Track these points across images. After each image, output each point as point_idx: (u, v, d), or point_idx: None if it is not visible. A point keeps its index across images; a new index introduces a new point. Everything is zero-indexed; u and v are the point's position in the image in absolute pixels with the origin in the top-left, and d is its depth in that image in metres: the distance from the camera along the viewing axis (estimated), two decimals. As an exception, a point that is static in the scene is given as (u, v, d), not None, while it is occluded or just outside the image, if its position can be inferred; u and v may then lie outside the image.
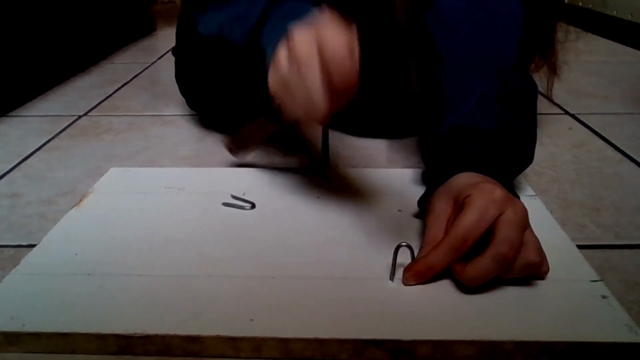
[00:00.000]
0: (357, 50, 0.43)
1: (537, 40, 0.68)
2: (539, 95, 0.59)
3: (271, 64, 0.47)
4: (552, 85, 0.75)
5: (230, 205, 0.58)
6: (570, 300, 0.43)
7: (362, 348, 0.39)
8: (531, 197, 0.59)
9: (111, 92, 1.13)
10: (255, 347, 0.40)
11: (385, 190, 0.61)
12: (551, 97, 0.81)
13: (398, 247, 0.45)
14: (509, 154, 0.53)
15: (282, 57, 0.45)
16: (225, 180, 0.64)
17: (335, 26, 0.43)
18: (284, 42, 0.45)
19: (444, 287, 0.44)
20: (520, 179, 0.61)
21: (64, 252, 0.50)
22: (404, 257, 0.45)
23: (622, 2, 1.51)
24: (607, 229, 0.58)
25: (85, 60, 1.33)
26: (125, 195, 0.61)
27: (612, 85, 1.12)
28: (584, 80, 1.14)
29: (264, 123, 0.62)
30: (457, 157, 0.52)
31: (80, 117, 0.97)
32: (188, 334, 0.40)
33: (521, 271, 0.43)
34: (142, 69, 1.32)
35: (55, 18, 1.17)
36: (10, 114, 0.99)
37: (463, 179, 0.48)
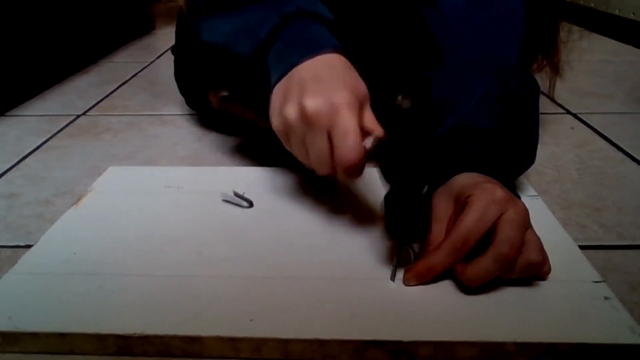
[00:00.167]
0: (368, 144, 0.45)
1: (540, 40, 0.68)
2: (540, 94, 0.59)
3: (277, 105, 0.48)
4: (554, 85, 0.75)
5: (229, 201, 0.58)
6: (572, 302, 0.43)
7: (362, 349, 0.39)
8: (533, 197, 0.59)
9: (110, 92, 1.13)
10: (255, 348, 0.40)
11: (386, 190, 0.61)
12: (553, 97, 0.81)
13: (399, 248, 0.45)
14: (510, 154, 0.53)
15: (291, 109, 0.46)
16: (225, 180, 0.63)
17: (351, 99, 0.44)
18: (295, 95, 0.46)
19: (445, 287, 0.44)
20: (522, 179, 0.61)
21: (63, 251, 0.50)
22: (405, 258, 0.45)
23: (625, 1, 1.51)
24: (609, 229, 0.58)
25: (84, 59, 1.33)
26: (124, 194, 0.61)
27: (615, 85, 1.12)
28: (586, 80, 1.14)
29: (254, 115, 0.62)
30: (458, 157, 0.52)
31: (78, 116, 0.98)
32: (187, 334, 0.40)
33: (523, 271, 0.43)
34: (141, 68, 1.32)
35: (53, 17, 1.17)
36: (8, 113, 0.99)
37: (464, 179, 0.48)
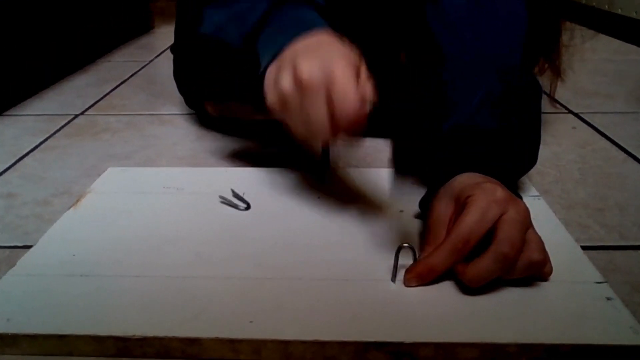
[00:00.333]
0: (368, 94, 0.43)
1: (541, 43, 0.68)
2: (542, 95, 0.59)
3: (270, 76, 0.46)
4: (555, 88, 0.75)
5: (225, 201, 0.58)
6: (574, 302, 0.43)
7: (363, 350, 0.39)
8: (535, 198, 0.59)
9: (108, 91, 1.13)
10: (255, 350, 0.40)
11: (386, 190, 0.61)
12: (553, 100, 0.81)
13: (400, 248, 0.45)
14: (511, 154, 0.53)
15: (285, 78, 0.44)
16: (224, 180, 0.63)
17: (346, 62, 0.42)
18: (289, 63, 0.44)
19: (446, 288, 0.44)
20: (524, 179, 0.61)
21: (61, 252, 0.50)
22: (406, 259, 0.45)
23: (627, 0, 1.51)
24: (611, 230, 0.58)
25: (82, 58, 1.33)
26: (123, 195, 0.61)
27: (617, 84, 1.12)
28: (588, 79, 1.14)
29: (251, 110, 0.62)
30: (458, 157, 0.52)
31: (76, 116, 0.98)
32: (187, 335, 0.40)
33: (524, 271, 0.43)
34: (140, 67, 1.32)
35: (51, 16, 1.17)
36: (6, 113, 0.99)
37: (464, 179, 0.48)
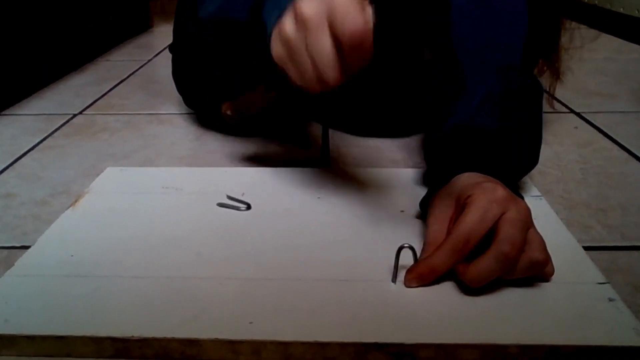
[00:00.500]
0: (369, 13, 0.41)
1: (541, 44, 0.68)
2: (544, 94, 0.59)
3: (275, 31, 0.45)
4: (554, 90, 0.75)
5: (225, 205, 0.58)
6: (576, 303, 0.43)
7: (363, 352, 0.39)
8: (536, 198, 0.59)
9: (107, 90, 1.13)
10: (255, 351, 0.40)
11: (387, 190, 0.61)
12: (552, 102, 0.82)
13: (400, 249, 0.45)
14: (512, 154, 0.53)
15: (288, 23, 0.43)
16: (224, 180, 0.64)
17: None
18: (290, 9, 0.43)
19: (447, 289, 0.44)
20: (525, 178, 0.61)
21: (60, 253, 0.50)
22: (407, 259, 0.45)
23: (629, -1, 1.52)
24: (613, 230, 0.58)
25: (80, 57, 1.33)
26: (122, 195, 0.61)
27: (619, 83, 1.12)
28: (589, 78, 1.14)
29: (262, 92, 0.62)
30: (459, 157, 0.52)
31: (75, 115, 0.98)
32: (186, 337, 0.40)
33: (525, 270, 0.43)
34: (138, 66, 1.32)
35: (49, 15, 1.17)
36: (4, 112, 0.99)
37: (465, 179, 0.48)
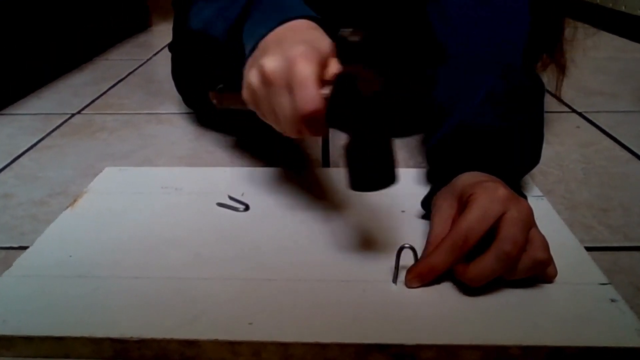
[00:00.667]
0: (326, 92, 0.43)
1: (544, 39, 0.68)
2: (546, 93, 0.59)
3: (245, 74, 0.48)
4: (561, 83, 0.75)
5: (224, 205, 0.58)
6: (578, 304, 0.43)
7: (364, 353, 0.39)
8: (538, 198, 0.59)
9: (105, 90, 1.13)
10: (255, 352, 0.40)
11: (387, 190, 0.61)
12: (560, 96, 0.81)
13: (401, 249, 0.45)
14: (514, 153, 0.53)
15: (254, 75, 0.46)
16: (223, 180, 0.64)
17: (309, 57, 0.43)
18: (257, 59, 0.46)
19: (448, 290, 0.44)
20: (527, 179, 0.61)
21: (58, 253, 0.50)
22: (407, 259, 0.45)
23: (631, -3, 1.52)
24: (615, 230, 0.58)
25: (79, 57, 1.33)
26: (121, 195, 0.61)
27: (621, 83, 1.12)
28: (591, 78, 1.14)
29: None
30: (461, 156, 0.52)
31: (73, 115, 0.98)
32: (185, 338, 0.40)
33: (527, 270, 0.43)
34: (137, 65, 1.32)
35: (47, 14, 1.17)
36: (1, 112, 0.99)
37: (467, 179, 0.48)
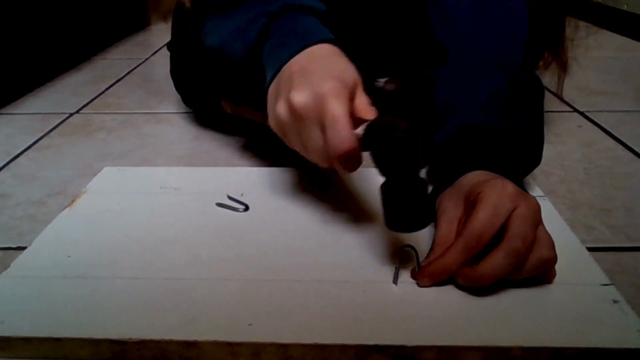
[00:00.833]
0: (359, 132, 0.44)
1: (546, 37, 0.68)
2: (547, 92, 0.60)
3: (271, 104, 0.49)
4: (562, 82, 0.75)
5: (223, 206, 0.58)
6: (580, 305, 0.43)
7: (364, 354, 0.39)
8: (540, 198, 0.58)
9: (103, 89, 1.13)
10: (254, 353, 0.40)
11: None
12: (562, 95, 0.81)
13: (401, 250, 0.45)
14: (517, 153, 0.53)
15: (282, 108, 0.46)
16: (223, 180, 0.64)
17: (339, 89, 0.44)
18: (284, 91, 0.46)
19: (449, 291, 0.44)
20: (528, 179, 0.61)
21: (56, 254, 0.50)
22: (408, 260, 0.45)
23: (633, -4, 1.52)
24: (617, 231, 0.58)
25: (77, 56, 1.33)
26: (119, 195, 0.61)
27: (623, 82, 1.12)
28: (593, 77, 1.14)
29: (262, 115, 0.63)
30: (466, 155, 0.52)
31: (71, 114, 0.98)
32: (184, 339, 0.40)
33: (533, 269, 0.43)
34: (136, 65, 1.32)
35: (45, 13, 1.17)
36: (-1, 111, 0.99)
37: (472, 178, 0.49)
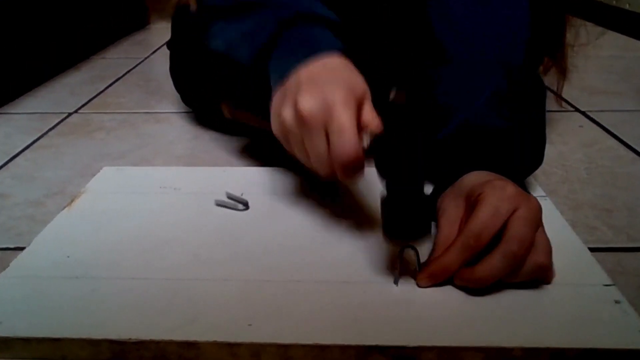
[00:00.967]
0: (365, 140, 0.45)
1: (546, 41, 0.69)
2: (548, 93, 0.60)
3: (276, 110, 0.48)
4: (562, 87, 0.76)
5: (223, 204, 0.58)
6: (581, 305, 0.43)
7: (364, 354, 0.39)
8: (541, 198, 0.58)
9: (102, 89, 1.13)
10: (254, 353, 0.40)
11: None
12: (560, 102, 0.82)
13: (402, 250, 0.45)
14: (519, 152, 0.53)
15: (288, 112, 0.46)
16: (222, 180, 0.64)
17: (347, 98, 0.44)
18: (290, 98, 0.46)
19: (450, 291, 0.44)
20: (530, 178, 0.61)
21: (55, 254, 0.50)
22: (409, 261, 0.46)
23: (635, -5, 1.52)
24: (619, 231, 0.58)
25: (75, 55, 1.33)
26: (119, 195, 0.61)
27: (625, 81, 1.12)
28: (595, 76, 1.14)
29: (260, 119, 0.63)
30: (466, 156, 0.52)
31: (70, 114, 0.98)
32: (184, 339, 0.40)
33: (528, 274, 0.43)
34: (135, 64, 1.32)
35: (43, 12, 1.17)
36: (-3, 111, 0.99)
37: (473, 178, 0.49)
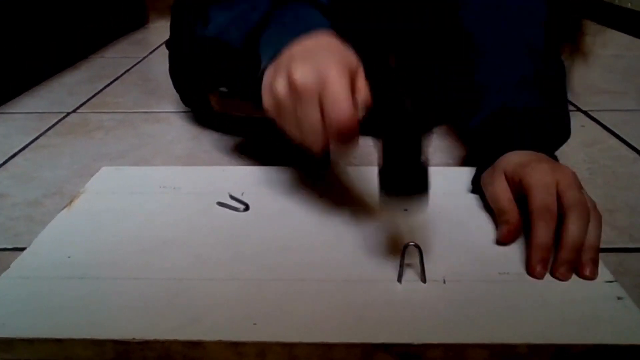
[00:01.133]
0: (359, 105, 0.45)
1: (564, 25, 0.76)
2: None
3: (266, 81, 0.48)
4: (582, 68, 0.83)
5: (224, 205, 0.59)
6: (584, 302, 0.43)
7: (370, 352, 0.40)
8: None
9: (101, 88, 1.13)
10: (259, 353, 0.40)
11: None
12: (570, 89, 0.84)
13: (405, 247, 0.46)
14: (550, 128, 0.59)
15: (280, 83, 0.46)
16: (222, 180, 0.64)
17: (341, 67, 0.44)
18: (283, 69, 0.46)
19: (454, 288, 0.45)
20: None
21: (56, 254, 0.50)
22: (411, 258, 0.46)
23: (636, -6, 1.52)
24: (621, 231, 0.59)
25: (74, 54, 1.33)
26: (118, 195, 0.61)
27: (627, 81, 1.13)
28: (597, 76, 1.14)
29: (251, 107, 0.63)
30: (504, 137, 0.57)
31: (68, 114, 0.98)
32: (189, 339, 0.40)
33: (598, 225, 0.49)
34: (134, 63, 1.32)
35: (41, 11, 1.17)
36: (-5, 111, 0.99)
37: (512, 158, 0.54)
